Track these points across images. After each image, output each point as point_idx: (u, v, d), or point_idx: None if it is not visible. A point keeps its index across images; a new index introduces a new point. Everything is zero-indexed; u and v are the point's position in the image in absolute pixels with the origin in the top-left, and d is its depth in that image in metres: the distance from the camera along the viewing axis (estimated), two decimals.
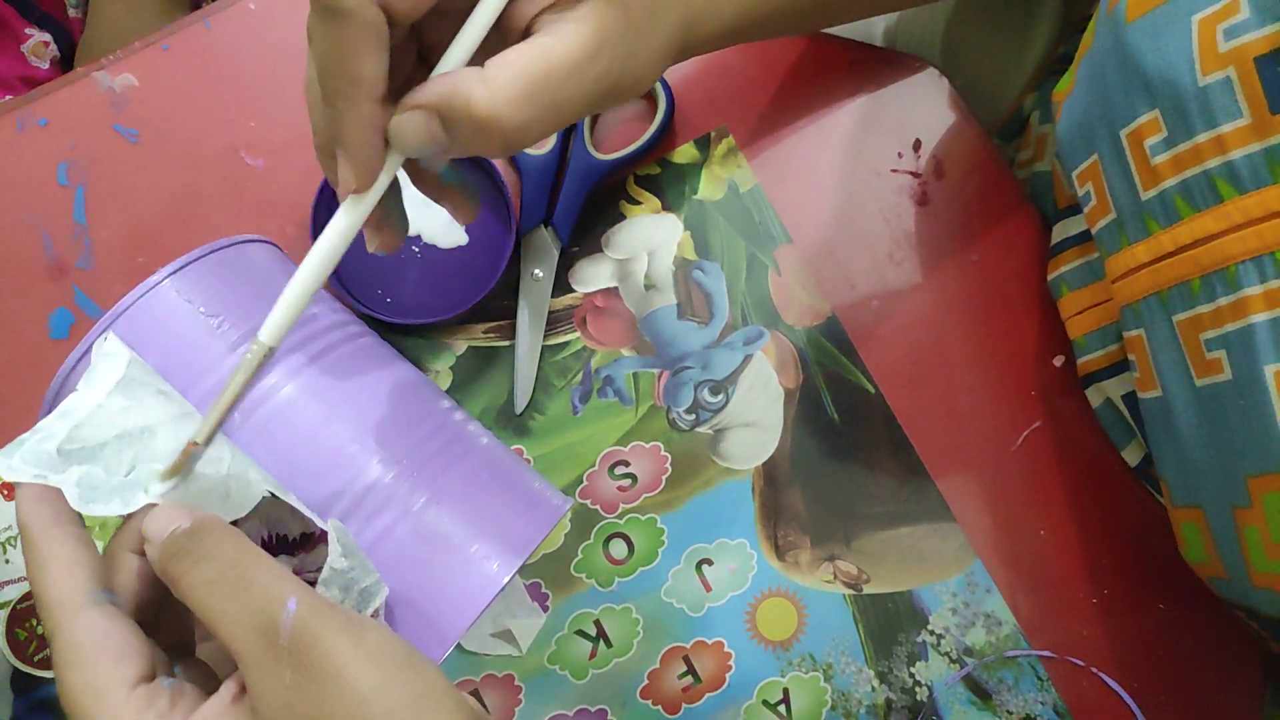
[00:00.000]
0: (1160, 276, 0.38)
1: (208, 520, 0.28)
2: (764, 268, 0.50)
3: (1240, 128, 0.33)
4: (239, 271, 0.35)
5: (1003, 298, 0.50)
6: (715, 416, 0.49)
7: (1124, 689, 0.47)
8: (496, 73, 0.28)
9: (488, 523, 0.34)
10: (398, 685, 0.26)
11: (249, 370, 0.29)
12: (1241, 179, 0.33)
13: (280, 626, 0.26)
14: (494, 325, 0.49)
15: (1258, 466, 0.35)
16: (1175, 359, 0.38)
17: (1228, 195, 0.34)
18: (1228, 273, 0.34)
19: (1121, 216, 0.39)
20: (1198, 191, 0.35)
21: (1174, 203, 0.36)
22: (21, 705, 0.45)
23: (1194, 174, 0.35)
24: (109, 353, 0.32)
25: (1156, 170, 0.36)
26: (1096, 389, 0.47)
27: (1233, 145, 0.33)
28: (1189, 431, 0.38)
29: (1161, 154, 0.36)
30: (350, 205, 0.29)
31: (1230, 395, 0.35)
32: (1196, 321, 0.36)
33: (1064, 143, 0.43)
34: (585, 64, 0.29)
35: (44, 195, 0.49)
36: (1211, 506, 0.38)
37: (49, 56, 0.69)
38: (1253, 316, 0.34)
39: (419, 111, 0.28)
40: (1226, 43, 0.33)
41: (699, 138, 0.51)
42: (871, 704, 0.47)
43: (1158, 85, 0.35)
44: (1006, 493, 0.48)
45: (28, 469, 0.28)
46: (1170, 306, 0.37)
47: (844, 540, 0.48)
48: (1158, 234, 0.37)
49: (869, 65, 0.51)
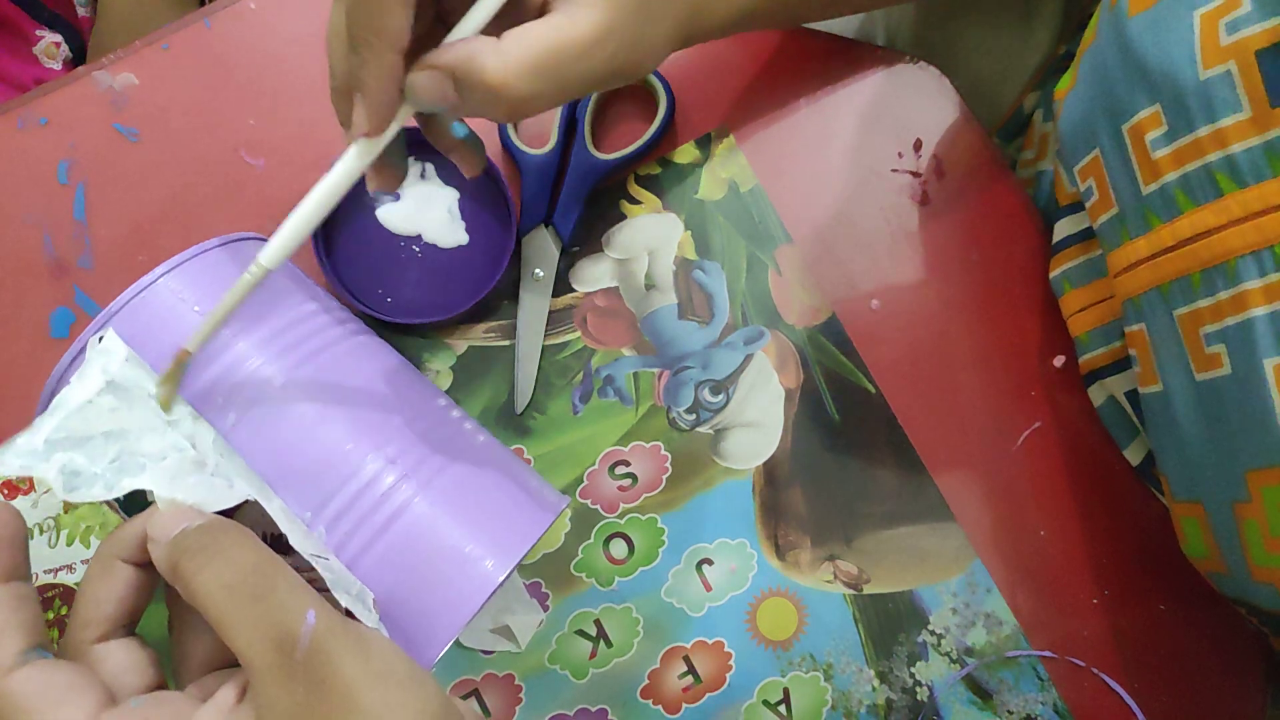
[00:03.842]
0: (1160, 271, 0.38)
1: (223, 520, 0.28)
2: (764, 267, 0.50)
3: (1240, 121, 0.33)
4: (234, 269, 0.35)
5: (1003, 297, 0.50)
6: (716, 416, 0.49)
7: (1125, 689, 0.47)
8: (511, 45, 0.30)
9: (484, 521, 0.34)
10: (402, 705, 0.26)
11: (245, 289, 0.31)
12: (1241, 173, 0.33)
13: (298, 640, 0.25)
14: (494, 325, 0.49)
15: (1257, 460, 0.35)
16: (1176, 353, 0.38)
17: (1228, 189, 0.34)
18: (1227, 267, 0.34)
19: (1123, 211, 0.39)
20: (1198, 185, 0.35)
21: (1174, 196, 0.36)
22: None
23: (1194, 168, 0.35)
24: (105, 349, 0.32)
25: (1157, 164, 0.37)
26: (1099, 386, 0.47)
27: (1233, 139, 0.33)
28: (1189, 426, 0.38)
29: (1162, 148, 0.36)
30: (360, 148, 0.31)
31: (1230, 389, 0.35)
32: (1196, 316, 0.36)
33: (1066, 138, 0.43)
34: (595, 46, 0.31)
35: (44, 194, 0.49)
36: (1211, 501, 0.38)
37: (61, 58, 0.69)
38: (1252, 310, 0.34)
39: (436, 72, 0.29)
40: (1228, 36, 0.33)
41: (699, 137, 0.51)
42: (872, 704, 0.47)
43: (1159, 79, 0.35)
44: (1007, 492, 0.48)
45: (15, 462, 0.28)
46: (1170, 301, 0.37)
47: (844, 540, 0.48)
48: (1158, 228, 0.37)
49: (869, 65, 0.51)
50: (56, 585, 0.46)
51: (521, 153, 0.49)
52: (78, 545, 0.46)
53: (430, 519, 0.33)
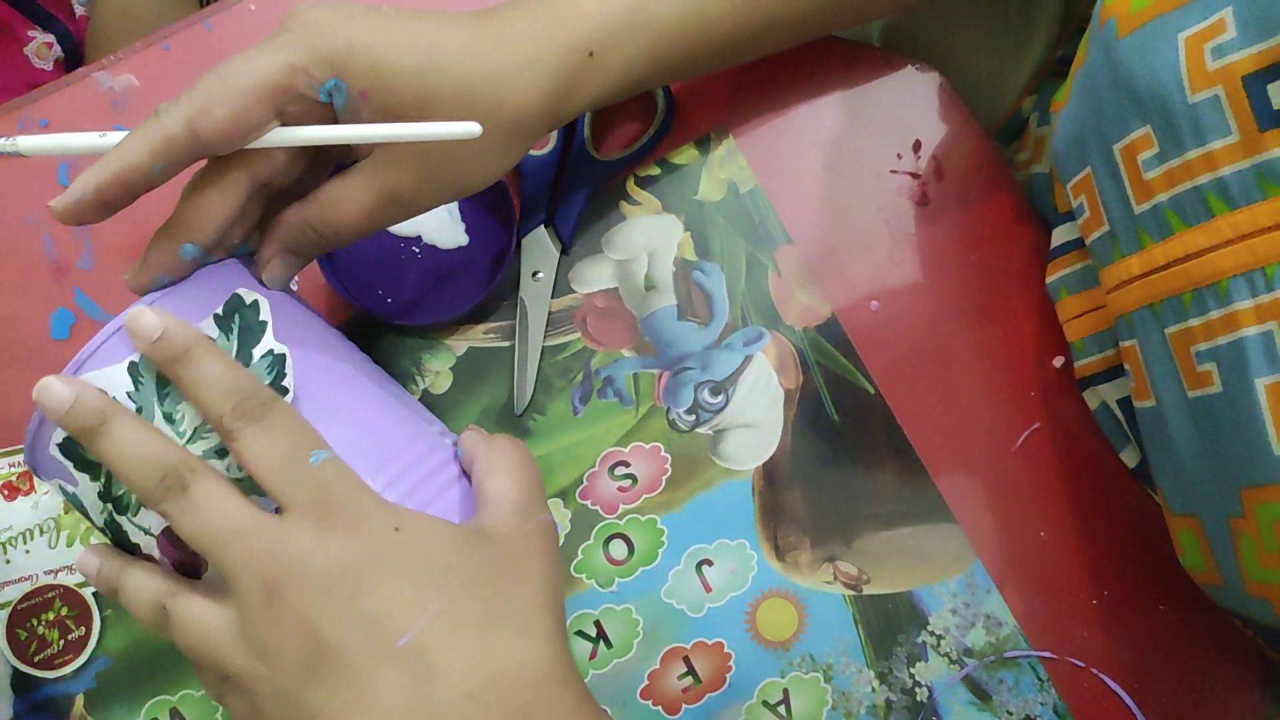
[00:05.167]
0: (1152, 289, 0.38)
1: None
2: (764, 268, 0.50)
3: (1230, 145, 0.33)
4: (228, 286, 0.36)
5: (1003, 298, 0.50)
6: (715, 417, 0.49)
7: (1124, 690, 0.47)
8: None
9: None
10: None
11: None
12: (1232, 195, 0.33)
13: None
14: (494, 325, 0.49)
15: (1250, 478, 0.35)
16: (1168, 370, 0.38)
17: (1219, 210, 0.34)
18: (1219, 287, 0.34)
19: (1114, 229, 0.39)
20: (1189, 206, 0.35)
21: (1166, 217, 0.36)
22: (21, 705, 0.45)
23: (1185, 189, 0.35)
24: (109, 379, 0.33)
25: (1149, 185, 0.37)
26: (1092, 393, 0.47)
27: (1223, 162, 0.33)
28: (1183, 442, 0.38)
29: (1154, 169, 0.36)
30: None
31: (1221, 407, 0.35)
32: (1187, 334, 0.36)
33: (1059, 155, 0.43)
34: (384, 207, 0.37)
35: (45, 195, 0.49)
36: (1207, 515, 0.38)
37: (52, 58, 0.69)
38: (1243, 330, 0.34)
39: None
40: (1214, 61, 0.33)
41: (699, 138, 0.51)
42: (871, 704, 0.47)
43: (1149, 101, 0.35)
44: (1007, 493, 0.48)
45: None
46: (1162, 319, 0.37)
47: (844, 541, 0.48)
48: (1150, 247, 0.37)
49: (869, 66, 0.51)
50: (56, 585, 0.46)
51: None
52: (78, 545, 0.46)
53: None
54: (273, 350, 0.33)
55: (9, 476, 0.46)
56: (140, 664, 0.46)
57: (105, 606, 0.46)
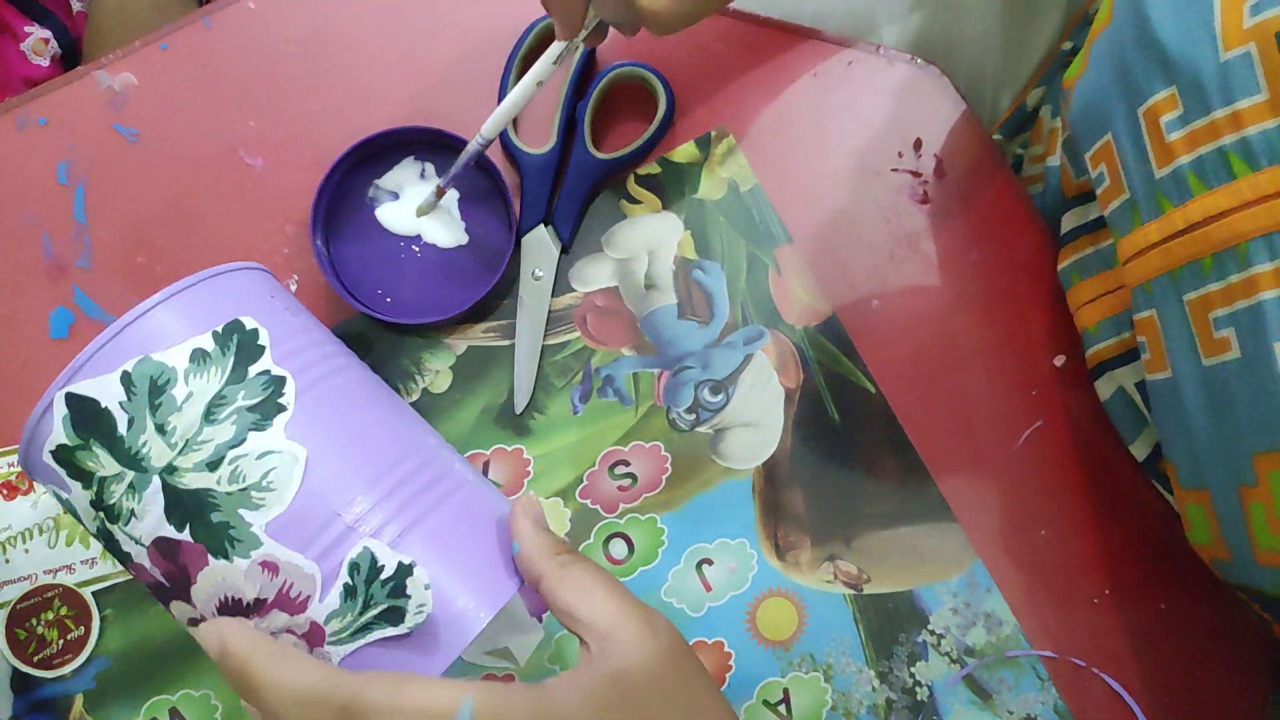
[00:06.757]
0: (1171, 255, 0.37)
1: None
2: (764, 267, 0.50)
3: (1258, 104, 0.33)
4: (228, 298, 0.35)
5: (1003, 297, 0.50)
6: (715, 416, 0.49)
7: (1125, 689, 0.47)
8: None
9: (469, 565, 0.34)
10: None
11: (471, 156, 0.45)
12: (1255, 155, 0.33)
13: None
14: (494, 325, 0.49)
15: (1265, 443, 0.35)
16: (1185, 338, 0.38)
17: (1240, 172, 0.34)
18: (1238, 250, 0.34)
19: (1135, 195, 0.39)
20: (1211, 168, 0.35)
21: (1187, 179, 0.36)
22: (21, 705, 0.45)
23: (1208, 150, 0.35)
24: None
25: (1171, 147, 0.37)
26: (1108, 378, 0.47)
27: (1249, 121, 0.33)
28: (1196, 412, 0.38)
29: (1176, 131, 0.36)
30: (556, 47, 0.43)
31: (1238, 373, 0.35)
32: (1207, 300, 0.36)
33: (1076, 125, 0.43)
34: None
35: (43, 194, 0.49)
36: (1217, 487, 0.38)
37: (49, 54, 0.69)
38: (1262, 294, 0.34)
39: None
40: (1251, 18, 0.33)
41: (699, 137, 0.51)
42: (872, 704, 0.47)
43: (1177, 60, 0.35)
44: (1007, 492, 0.48)
45: None
46: (1181, 285, 0.37)
47: (844, 540, 0.48)
48: (1169, 212, 0.37)
49: (869, 64, 0.51)
50: (56, 585, 0.46)
51: (521, 152, 0.49)
52: (78, 545, 0.46)
53: (417, 560, 0.33)
54: (270, 371, 0.33)
55: (8, 476, 0.46)
56: (139, 664, 0.46)
57: (105, 606, 0.46)
